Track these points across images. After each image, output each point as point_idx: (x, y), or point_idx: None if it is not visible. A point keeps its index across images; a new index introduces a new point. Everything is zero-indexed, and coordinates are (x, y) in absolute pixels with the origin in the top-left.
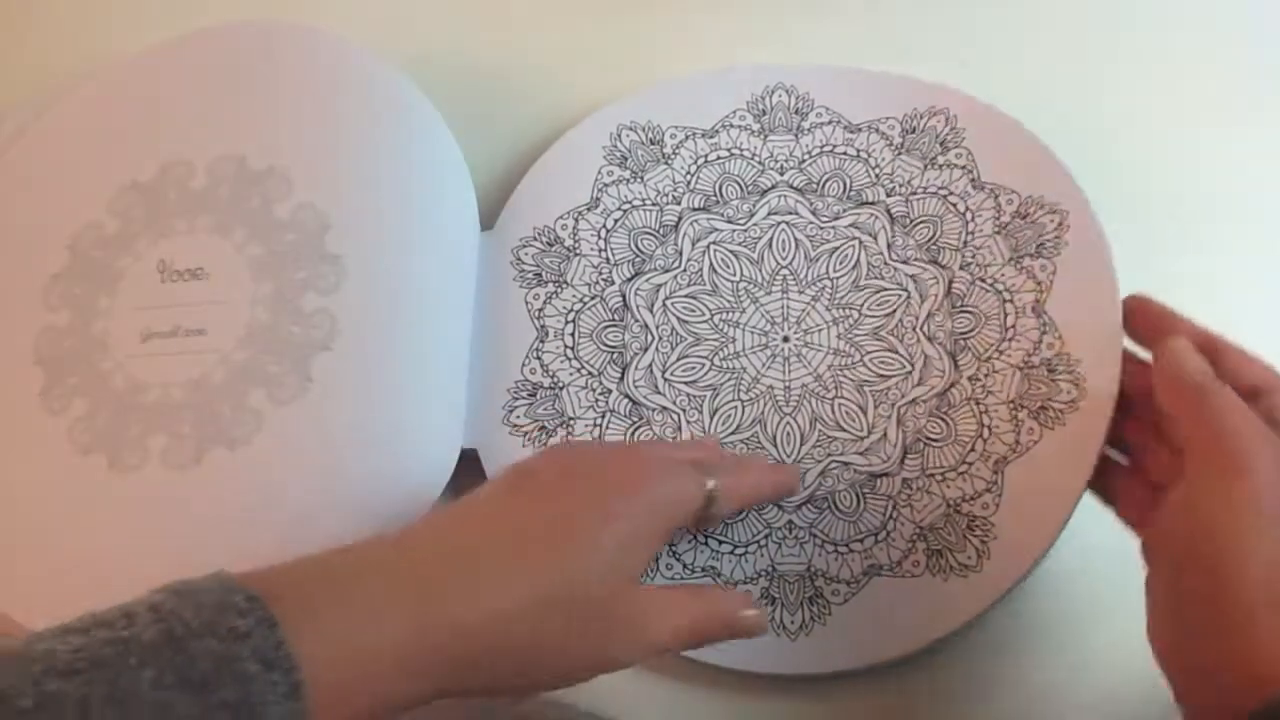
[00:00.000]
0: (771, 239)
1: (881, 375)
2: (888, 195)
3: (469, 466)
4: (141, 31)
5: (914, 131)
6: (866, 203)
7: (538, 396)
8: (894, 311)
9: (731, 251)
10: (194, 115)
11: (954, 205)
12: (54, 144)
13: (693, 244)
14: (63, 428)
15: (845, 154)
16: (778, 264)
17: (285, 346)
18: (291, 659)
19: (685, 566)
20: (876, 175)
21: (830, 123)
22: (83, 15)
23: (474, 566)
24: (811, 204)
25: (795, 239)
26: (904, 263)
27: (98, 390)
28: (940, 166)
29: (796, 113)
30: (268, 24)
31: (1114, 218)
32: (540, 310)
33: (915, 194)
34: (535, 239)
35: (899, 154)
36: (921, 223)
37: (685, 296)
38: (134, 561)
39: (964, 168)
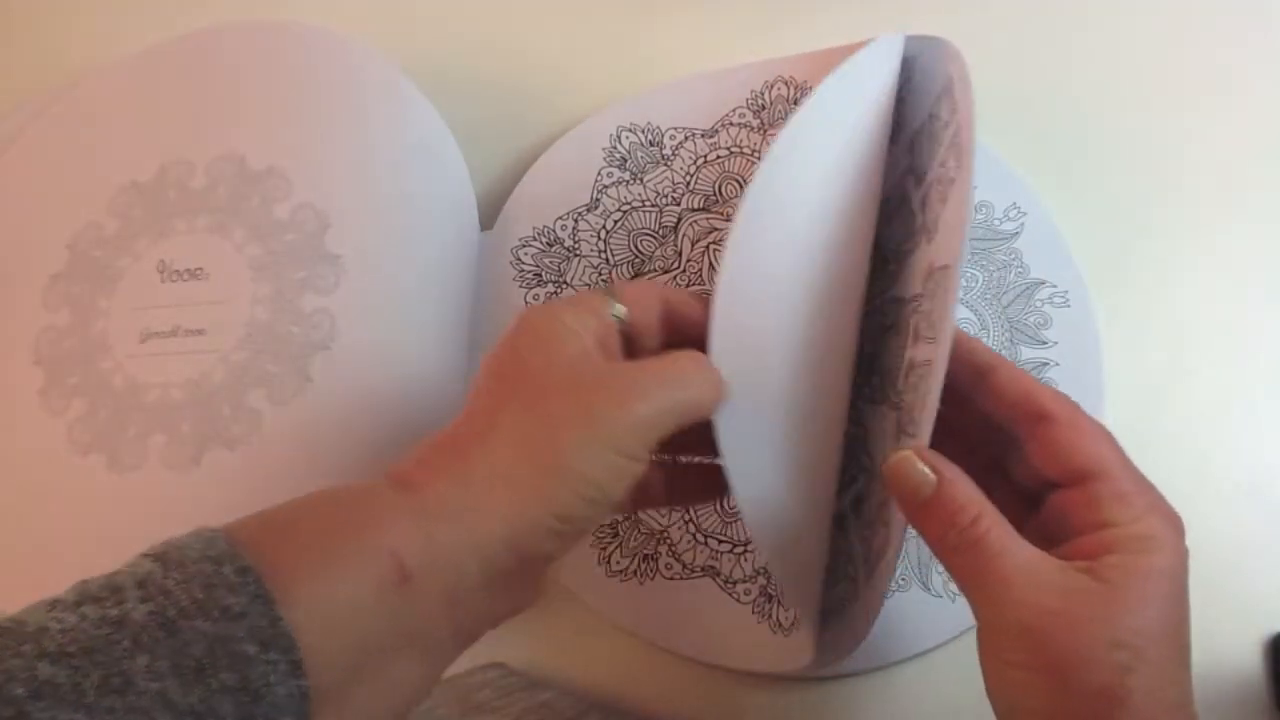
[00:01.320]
0: None
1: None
2: None
3: None
4: (142, 32)
5: None
6: None
7: None
8: None
9: None
10: (194, 115)
11: None
12: (54, 144)
13: (692, 244)
14: (62, 428)
15: None
16: None
17: (284, 346)
18: (289, 635)
19: (685, 566)
20: None
21: None
22: (83, 16)
23: (463, 489)
24: None
25: None
26: None
27: (97, 390)
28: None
29: (794, 103)
30: (269, 24)
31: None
32: None
33: None
34: (535, 239)
35: None
36: None
37: None
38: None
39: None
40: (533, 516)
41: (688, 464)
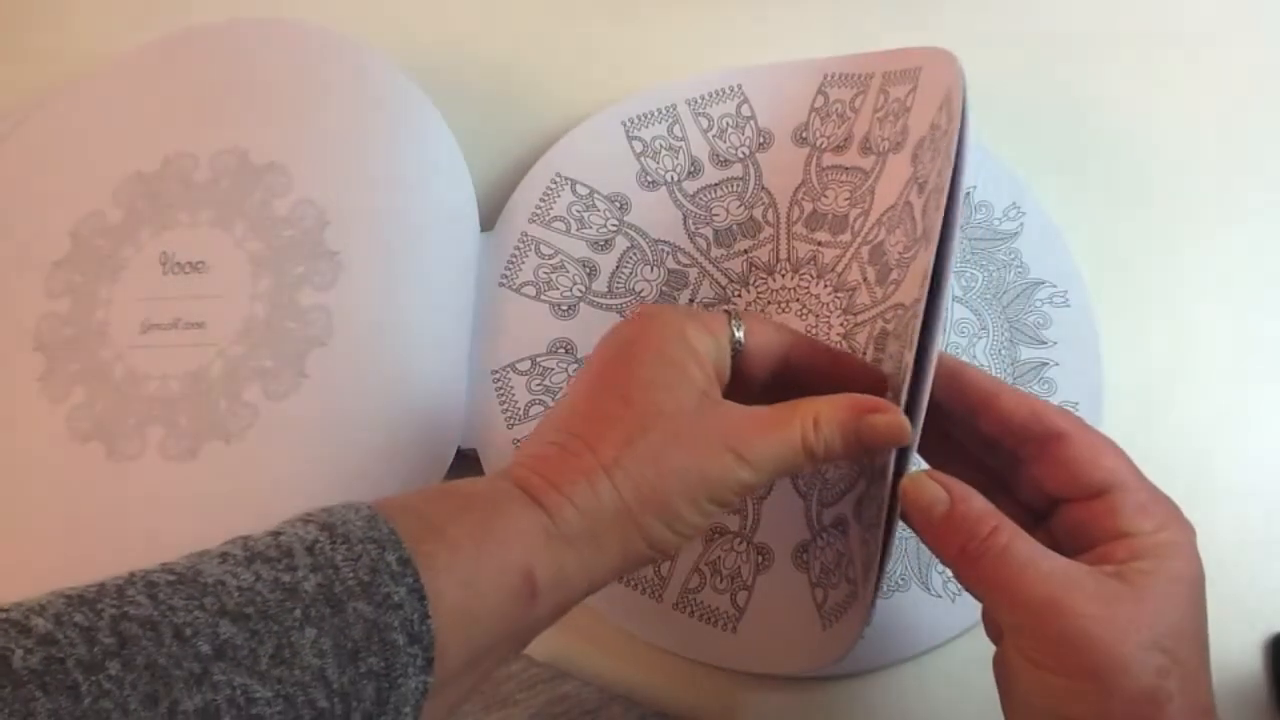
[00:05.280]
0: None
1: None
2: None
3: (470, 467)
4: (146, 29)
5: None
6: None
7: None
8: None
9: None
10: (197, 108)
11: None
12: (59, 132)
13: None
14: (62, 415)
15: None
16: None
17: (281, 342)
18: (431, 633)
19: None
20: None
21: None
22: (86, 14)
23: (590, 521)
24: None
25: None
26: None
27: (97, 379)
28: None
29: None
30: (272, 22)
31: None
32: None
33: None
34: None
35: None
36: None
37: None
38: (129, 551)
39: None
40: (638, 550)
41: None
